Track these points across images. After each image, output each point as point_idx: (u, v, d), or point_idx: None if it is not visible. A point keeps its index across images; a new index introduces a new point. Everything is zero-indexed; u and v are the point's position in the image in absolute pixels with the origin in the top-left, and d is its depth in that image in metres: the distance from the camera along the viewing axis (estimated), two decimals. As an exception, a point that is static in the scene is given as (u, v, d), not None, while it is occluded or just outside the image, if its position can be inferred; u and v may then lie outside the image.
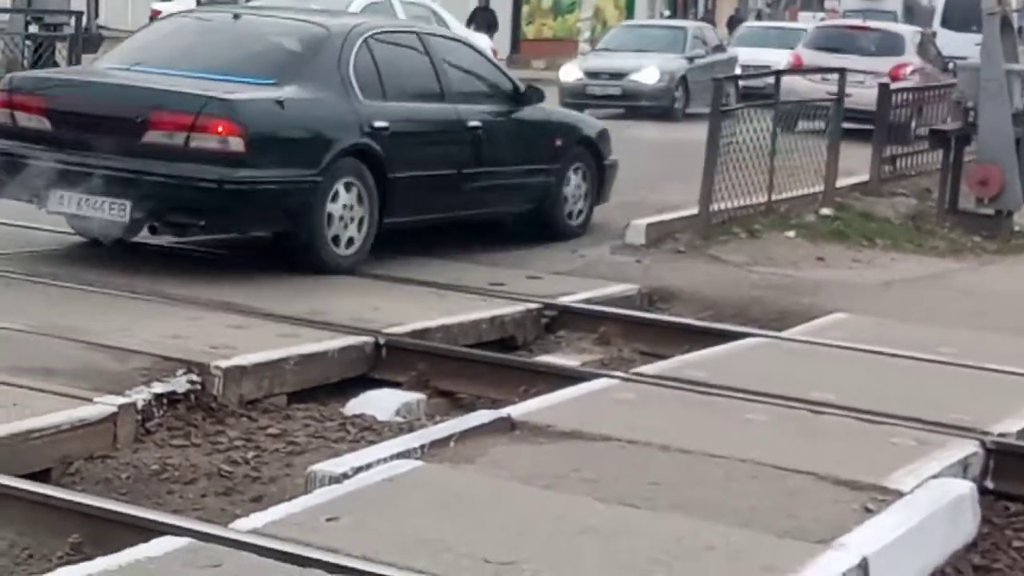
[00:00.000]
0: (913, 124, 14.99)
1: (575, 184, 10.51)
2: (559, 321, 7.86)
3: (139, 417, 5.57)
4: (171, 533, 4.23)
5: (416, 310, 7.46)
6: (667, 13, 42.85)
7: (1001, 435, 5.76)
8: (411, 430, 5.67)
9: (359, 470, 4.84)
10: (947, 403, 6.18)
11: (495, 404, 6.10)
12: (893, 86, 14.90)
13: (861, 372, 6.83)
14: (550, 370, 6.65)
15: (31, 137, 8.56)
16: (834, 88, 13.57)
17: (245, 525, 4.34)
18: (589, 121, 11.42)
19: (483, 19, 27.38)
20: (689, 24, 26.79)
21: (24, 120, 8.67)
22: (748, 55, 24.84)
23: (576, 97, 21.48)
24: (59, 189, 8.30)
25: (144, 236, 9.10)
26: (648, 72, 22.16)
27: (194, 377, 5.93)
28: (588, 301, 8.15)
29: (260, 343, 6.47)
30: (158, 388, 5.79)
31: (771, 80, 12.88)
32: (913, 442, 5.56)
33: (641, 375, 6.48)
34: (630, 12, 38.72)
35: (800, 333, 7.71)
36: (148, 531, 4.26)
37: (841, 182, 13.21)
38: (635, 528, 4.47)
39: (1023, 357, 7.13)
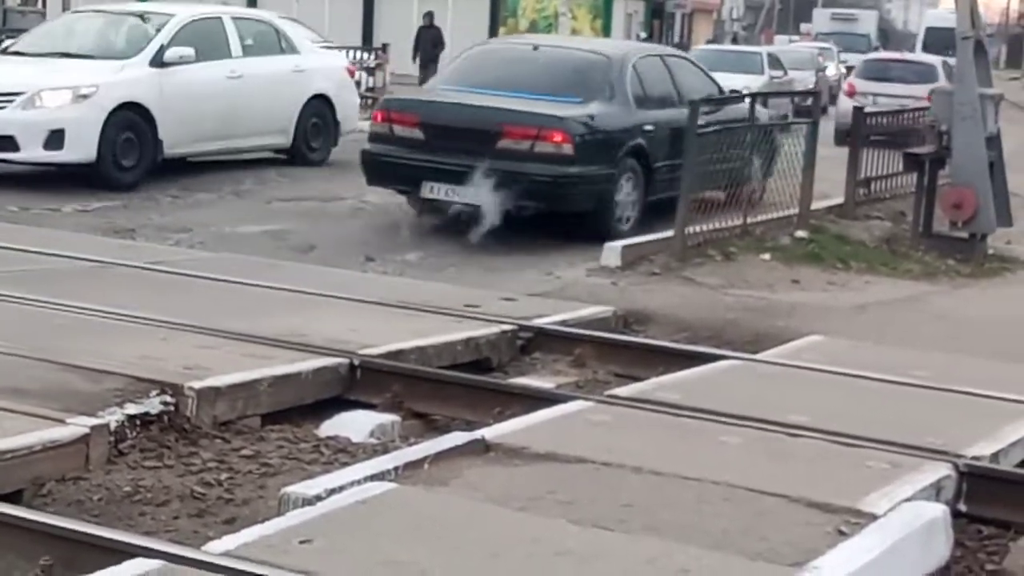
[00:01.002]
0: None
1: (757, 166, 12.55)
2: (534, 343, 7.87)
3: (112, 438, 5.55)
4: (143, 555, 4.22)
5: (391, 331, 7.46)
6: (643, 35, 43.04)
7: (974, 458, 5.78)
8: (385, 452, 5.67)
9: (332, 492, 4.83)
10: (921, 426, 6.21)
11: (470, 426, 6.10)
12: (867, 110, 15.03)
13: (835, 395, 6.85)
14: (525, 392, 6.65)
15: (406, 143, 11.90)
16: (881, 110, 14.72)
17: (218, 547, 4.33)
18: (766, 113, 13.72)
19: (428, 37, 26.99)
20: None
21: (400, 131, 11.99)
22: None
23: None
24: (430, 182, 11.67)
25: (117, 257, 9.10)
26: None
27: (167, 398, 5.91)
28: (563, 323, 8.15)
29: (234, 364, 6.46)
30: (131, 409, 5.76)
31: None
32: (886, 465, 5.58)
33: (616, 397, 6.49)
34: (607, 34, 38.86)
35: (775, 355, 7.73)
36: (120, 553, 4.24)
37: (816, 205, 13.29)
38: (609, 551, 4.48)
39: (997, 380, 7.16)
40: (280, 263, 9.93)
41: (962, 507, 5.54)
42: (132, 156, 13.59)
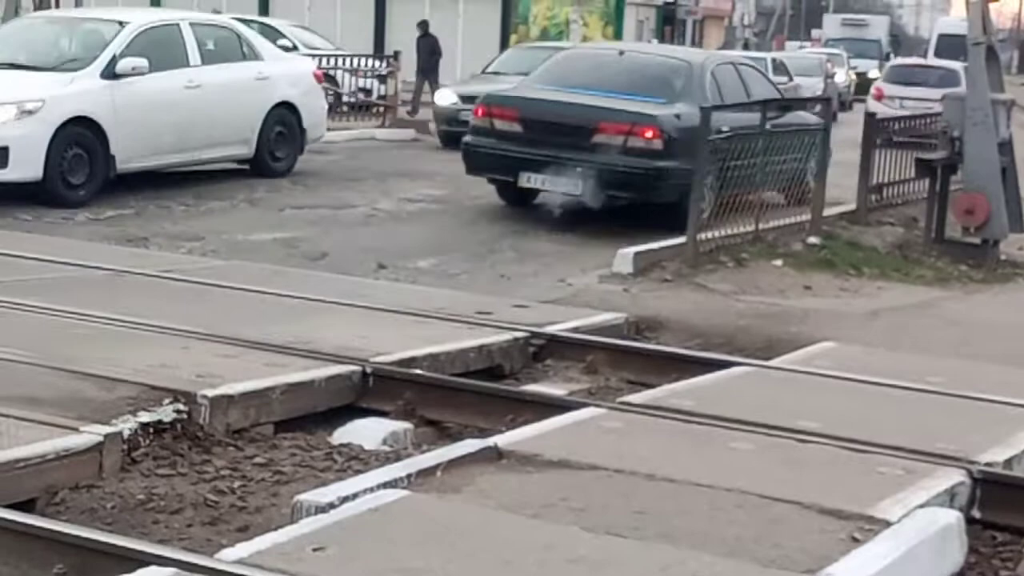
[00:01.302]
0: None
1: (812, 167, 13.40)
2: (546, 350, 7.86)
3: (125, 447, 5.56)
4: (156, 563, 4.22)
5: (403, 338, 7.46)
6: (655, 41, 43.04)
7: (988, 464, 5.76)
8: (398, 459, 5.66)
9: (345, 500, 4.83)
10: (934, 432, 6.19)
11: (482, 433, 6.09)
12: (879, 116, 15.05)
13: (848, 401, 6.83)
14: (537, 399, 6.65)
15: (506, 136, 13.06)
16: (907, 113, 15.52)
17: (231, 555, 4.33)
18: (816, 120, 14.39)
19: (424, 46, 26.73)
20: None
21: (499, 124, 13.19)
22: None
23: (450, 124, 20.08)
24: (528, 172, 12.80)
25: (130, 265, 9.12)
26: None
27: (181, 406, 5.92)
28: (575, 330, 8.15)
29: (247, 372, 6.46)
30: (144, 417, 5.77)
31: None
32: (900, 471, 5.57)
33: (628, 404, 6.48)
34: (618, 40, 38.82)
35: (787, 362, 7.72)
36: (133, 561, 4.25)
37: (828, 211, 13.27)
38: (622, 558, 4.47)
39: (1009, 386, 7.14)
40: (292, 270, 9.94)
41: (976, 513, 5.52)
42: (82, 173, 12.92)
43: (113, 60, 13.40)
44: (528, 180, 12.93)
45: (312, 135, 16.09)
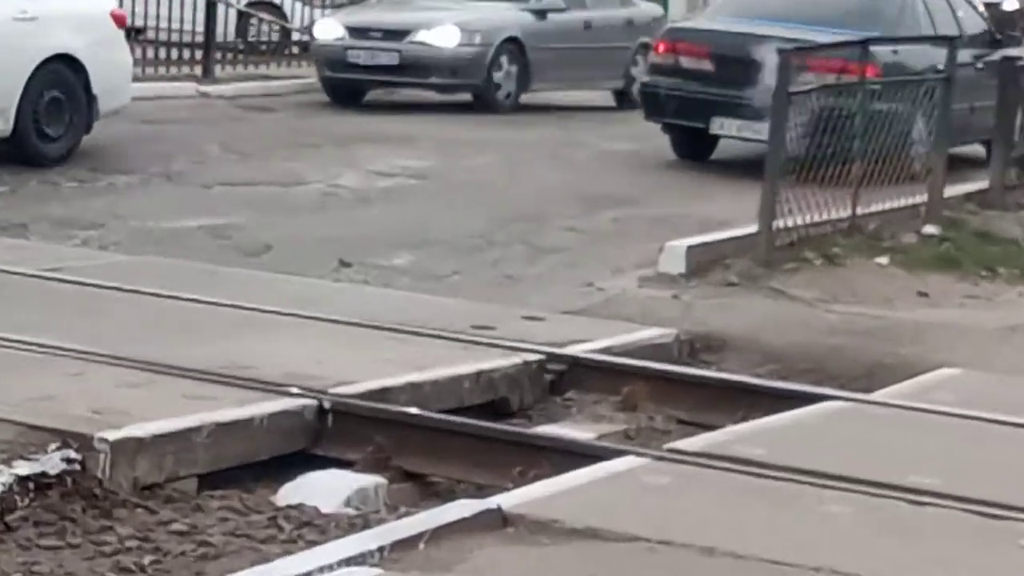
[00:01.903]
0: None
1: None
2: (568, 378, 7.90)
3: (-4, 508, 5.59)
4: (39, 667, 4.24)
5: (373, 363, 7.48)
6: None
7: None
8: (367, 527, 5.69)
9: (295, 581, 4.85)
10: (1094, 491, 6.20)
11: (481, 491, 6.13)
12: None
13: (978, 448, 6.85)
14: (555, 445, 6.67)
15: (693, 76, 15.39)
16: None
17: (139, 656, 4.35)
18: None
19: None
20: None
21: (687, 62, 15.51)
22: None
23: (334, 68, 19.25)
24: (720, 117, 15.08)
25: (4, 261, 9.15)
26: (443, 31, 19.02)
27: (72, 454, 5.93)
28: (607, 351, 8.18)
29: (162, 407, 6.48)
30: (22, 468, 5.79)
31: None
32: (1049, 545, 5.58)
33: (679, 452, 6.50)
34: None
35: (895, 395, 7.74)
36: (8, 664, 4.26)
37: (951, 191, 13.26)
38: (670, 661, 4.49)
39: None
40: (224, 270, 9.97)
41: None
42: None
43: None
44: (721, 127, 15.15)
45: (107, 103, 14.58)
